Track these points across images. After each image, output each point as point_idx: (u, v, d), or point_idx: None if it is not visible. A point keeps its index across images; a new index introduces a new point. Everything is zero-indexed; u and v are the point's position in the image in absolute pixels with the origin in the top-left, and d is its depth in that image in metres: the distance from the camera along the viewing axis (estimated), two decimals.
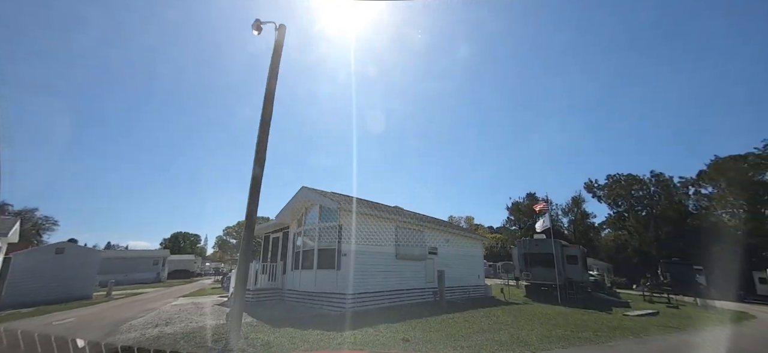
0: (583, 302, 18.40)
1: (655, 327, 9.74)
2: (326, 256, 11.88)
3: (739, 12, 59.58)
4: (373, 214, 12.38)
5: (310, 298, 11.92)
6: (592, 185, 57.49)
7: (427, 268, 14.45)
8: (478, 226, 74.93)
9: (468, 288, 17.19)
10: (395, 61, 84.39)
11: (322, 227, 12.46)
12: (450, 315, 10.07)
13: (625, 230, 51.93)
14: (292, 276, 13.39)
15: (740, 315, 17.18)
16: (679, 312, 16.47)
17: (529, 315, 11.08)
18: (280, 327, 7.84)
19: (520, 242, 23.83)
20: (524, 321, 9.60)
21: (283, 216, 14.41)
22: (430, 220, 16.21)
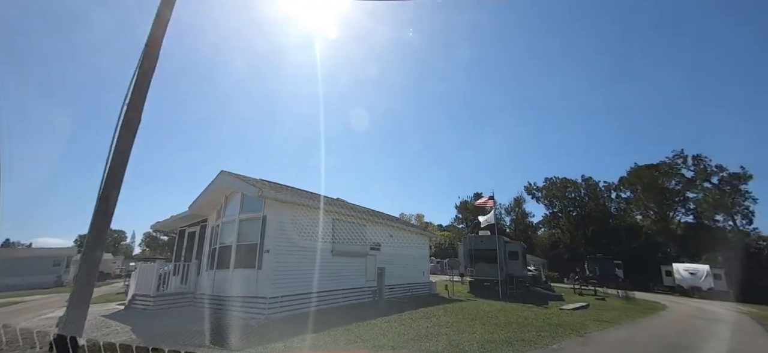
0: (523, 296, 18.75)
1: (592, 323, 9.62)
2: (246, 253, 10.02)
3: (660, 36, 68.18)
4: (306, 204, 10.79)
5: (225, 303, 9.97)
6: (531, 188, 61.38)
7: (367, 265, 13.24)
8: (429, 224, 76.27)
9: (412, 286, 16.37)
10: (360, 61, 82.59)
11: (243, 220, 10.55)
12: (386, 318, 8.93)
13: (559, 228, 56.23)
14: (206, 278, 11.24)
15: (655, 305, 18.71)
16: (605, 303, 17.40)
17: (471, 314, 10.41)
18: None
19: (465, 238, 23.86)
20: (465, 322, 8.81)
21: (199, 206, 12.13)
22: (374, 214, 15.03)
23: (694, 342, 7.74)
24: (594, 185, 54.80)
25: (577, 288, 23.59)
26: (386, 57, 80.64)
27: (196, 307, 10.96)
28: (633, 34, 69.50)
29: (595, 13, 73.07)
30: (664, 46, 68.32)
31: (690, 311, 16.72)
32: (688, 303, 22.35)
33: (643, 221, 48.79)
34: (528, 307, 13.59)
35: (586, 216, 53.04)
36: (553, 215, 57.91)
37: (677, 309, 17.00)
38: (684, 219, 44.82)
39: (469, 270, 21.53)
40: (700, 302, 23.87)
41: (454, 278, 24.32)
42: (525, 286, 22.84)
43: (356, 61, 78.67)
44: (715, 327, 10.92)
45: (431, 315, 9.78)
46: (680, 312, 16.02)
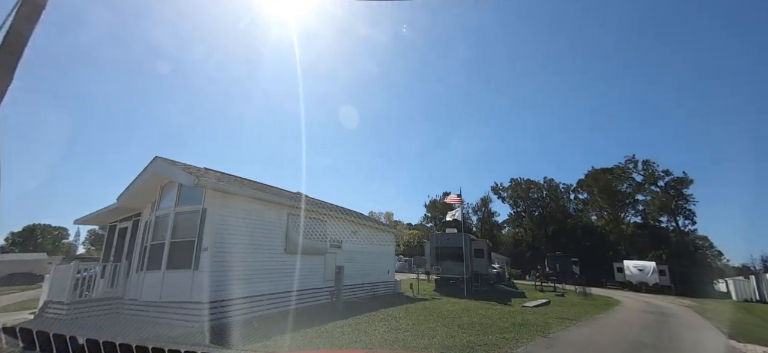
0: (487, 294, 18.73)
1: (555, 321, 9.42)
2: (181, 251, 8.70)
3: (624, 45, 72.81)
4: (255, 197, 9.64)
5: (156, 310, 8.61)
6: (498, 188, 63.15)
7: (327, 264, 12.29)
8: (398, 222, 76.30)
9: (376, 285, 15.64)
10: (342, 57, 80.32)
11: (179, 213, 9.20)
12: (341, 322, 8.09)
13: (522, 227, 58.26)
14: (136, 280, 9.73)
15: (609, 300, 19.43)
16: (565, 300, 17.78)
17: (433, 315, 9.84)
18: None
19: (432, 236, 23.59)
20: (426, 325, 8.19)
21: (130, 197, 10.55)
22: (335, 209, 14.08)
23: (655, 342, 7.68)
24: (555, 186, 57.45)
25: (538, 285, 24.15)
26: (362, 56, 79.48)
27: (120, 315, 9.44)
28: (599, 43, 73.80)
29: (567, 20, 76.71)
30: (627, 55, 73.18)
31: (641, 306, 17.47)
32: (637, 297, 23.60)
33: (597, 221, 51.79)
34: (492, 305, 13.37)
35: (547, 216, 55.43)
36: (517, 214, 59.98)
37: (629, 304, 17.70)
38: (633, 220, 48.15)
39: (435, 267, 21.23)
40: (648, 296, 25.46)
41: (420, 276, 24.01)
42: (489, 284, 23.02)
43: (333, 60, 76.79)
44: (668, 322, 11.24)
45: (391, 317, 9.08)
46: (633, 307, 16.67)
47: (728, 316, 15.49)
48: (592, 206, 52.34)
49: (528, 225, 57.01)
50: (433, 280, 21.90)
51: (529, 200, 58.90)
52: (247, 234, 9.29)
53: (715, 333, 9.18)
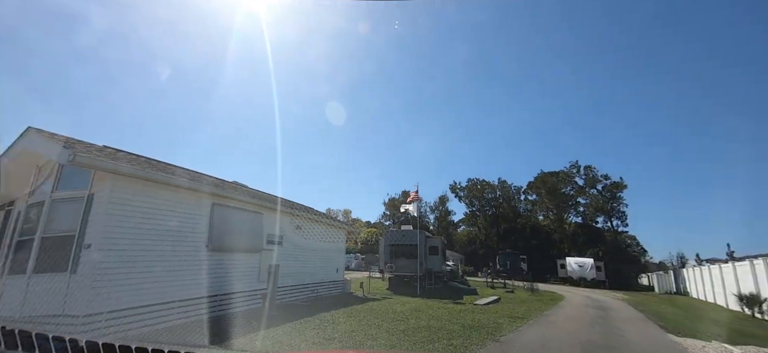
0: (440, 292, 18.35)
1: (506, 321, 8.97)
2: (56, 250, 6.75)
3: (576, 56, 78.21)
4: (163, 182, 7.88)
5: (16, 326, 6.56)
6: (455, 187, 64.53)
7: (263, 263, 10.78)
8: (356, 220, 75.13)
9: (322, 285, 14.36)
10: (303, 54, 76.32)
11: (58, 200, 7.20)
12: (262, 333, 6.75)
13: (476, 226, 60.10)
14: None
15: (554, 295, 20.07)
16: (514, 296, 17.97)
17: (379, 317, 8.88)
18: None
19: (387, 233, 22.80)
20: (367, 331, 7.19)
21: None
22: (274, 200, 12.54)
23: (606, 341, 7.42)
24: (508, 187, 60.07)
25: (489, 282, 24.46)
26: (327, 53, 76.75)
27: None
28: (557, 51, 78.68)
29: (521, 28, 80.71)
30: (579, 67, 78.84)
31: (583, 300, 18.17)
32: (578, 292, 24.88)
33: (544, 221, 55.07)
34: (443, 304, 12.83)
35: (499, 216, 57.74)
36: (473, 213, 61.77)
37: (572, 299, 18.33)
38: (575, 220, 51.87)
39: (389, 265, 20.45)
40: (587, 291, 27.13)
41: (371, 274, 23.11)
42: (443, 281, 22.84)
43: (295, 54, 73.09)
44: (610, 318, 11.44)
45: (329, 322, 7.94)
46: (576, 301, 17.24)
47: (657, 308, 16.56)
48: (540, 207, 55.54)
49: (482, 224, 58.98)
50: (387, 279, 21.14)
51: (484, 200, 60.97)
52: (151, 228, 7.54)
53: (656, 329, 9.38)
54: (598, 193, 47.61)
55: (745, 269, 17.83)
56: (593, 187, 48.16)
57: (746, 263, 17.78)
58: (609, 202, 46.44)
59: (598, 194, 47.69)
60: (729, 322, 14.50)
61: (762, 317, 15.46)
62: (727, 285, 20.30)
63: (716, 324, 13.56)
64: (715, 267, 23.00)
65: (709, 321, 13.73)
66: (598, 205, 47.40)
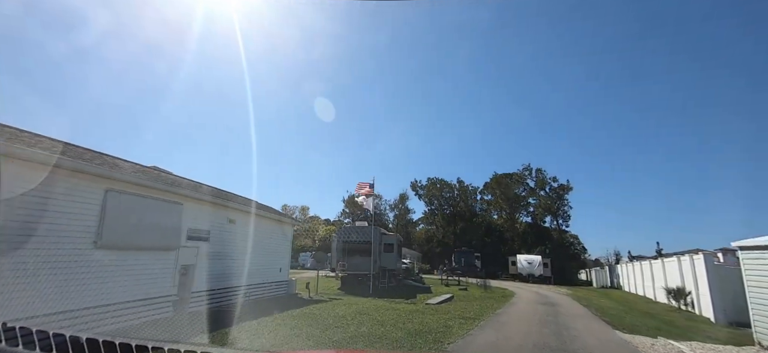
0: (394, 291, 17.57)
1: (457, 322, 8.25)
2: None
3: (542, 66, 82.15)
4: (27, 159, 5.94)
5: None
6: (416, 185, 64.81)
7: (181, 263, 9.00)
8: (315, 217, 72.58)
9: (261, 287, 12.76)
10: None
11: None
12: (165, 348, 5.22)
13: (434, 224, 60.82)
14: None
15: (505, 291, 20.23)
16: (467, 294, 17.71)
17: (315, 324, 7.67)
18: None
19: (340, 229, 21.52)
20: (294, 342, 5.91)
21: None
22: (198, 189, 10.73)
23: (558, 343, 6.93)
24: (465, 187, 61.61)
25: (444, 280, 24.24)
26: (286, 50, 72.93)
27: None
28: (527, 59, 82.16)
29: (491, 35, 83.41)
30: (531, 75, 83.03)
31: (533, 297, 18.43)
32: (527, 288, 25.57)
33: (498, 220, 57.27)
34: (395, 304, 11.96)
35: (457, 214, 58.95)
36: (431, 212, 62.46)
37: (523, 296, 18.52)
38: (525, 220, 54.60)
39: (341, 264, 19.22)
40: (535, 286, 28.17)
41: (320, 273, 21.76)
42: (398, 279, 22.16)
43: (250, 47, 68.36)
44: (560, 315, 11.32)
45: (254, 333, 6.56)
46: (526, 298, 17.40)
47: (599, 302, 17.20)
48: (495, 207, 57.67)
49: (439, 223, 59.81)
50: (340, 277, 19.91)
51: (443, 199, 61.96)
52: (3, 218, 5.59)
53: (603, 326, 9.30)
54: (547, 194, 50.44)
55: (672, 265, 19.31)
56: (543, 189, 50.93)
57: (674, 259, 19.21)
58: (556, 203, 49.37)
59: (546, 195, 50.51)
60: (661, 314, 15.37)
61: (687, 308, 16.71)
62: (657, 279, 22.03)
63: (651, 316, 14.25)
64: (646, 263, 25.01)
65: (646, 315, 14.42)
66: (546, 206, 50.19)
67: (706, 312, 15.07)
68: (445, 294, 16.30)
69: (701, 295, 15.70)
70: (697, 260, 15.93)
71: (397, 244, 22.30)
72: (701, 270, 15.33)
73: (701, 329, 12.70)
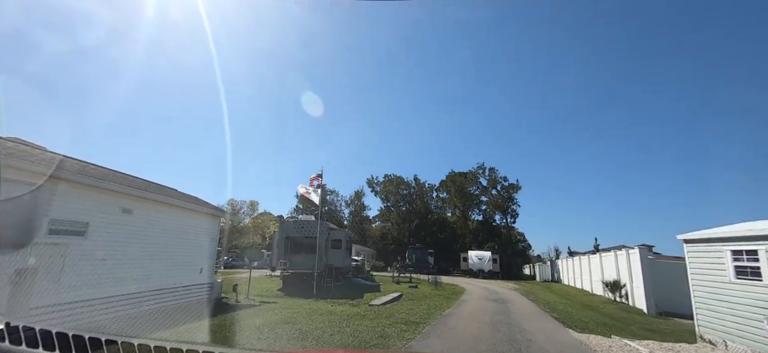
0: (340, 290, 16.09)
1: (397, 328, 7.02)
2: None
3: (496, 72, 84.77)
4: None
5: None
6: (372, 182, 63.66)
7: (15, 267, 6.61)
8: (265, 213, 68.12)
9: (173, 292, 10.48)
10: None
11: None
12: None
13: (390, 221, 60.25)
14: None
15: (456, 288, 19.75)
16: (417, 291, 16.81)
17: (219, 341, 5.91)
18: None
19: (283, 223, 19.45)
20: None
21: None
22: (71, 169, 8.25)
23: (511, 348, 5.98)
24: (422, 185, 61.84)
25: (395, 277, 23.27)
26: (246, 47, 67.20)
27: None
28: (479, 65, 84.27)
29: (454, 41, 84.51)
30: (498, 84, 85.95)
31: (483, 292, 18.10)
32: (478, 284, 25.57)
33: (451, 217, 58.27)
34: (335, 306, 10.53)
35: (412, 211, 58.95)
36: (387, 209, 61.81)
37: (473, 292, 18.11)
38: (477, 217, 56.19)
39: (282, 261, 17.25)
40: (485, 282, 28.44)
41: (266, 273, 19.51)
42: (347, 278, 20.71)
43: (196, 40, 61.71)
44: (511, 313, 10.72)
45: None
46: (476, 294, 16.95)
47: (545, 297, 17.31)
48: (449, 205, 58.60)
49: (395, 219, 59.35)
50: (282, 277, 17.91)
51: (399, 196, 61.56)
52: None
53: (555, 325, 8.76)
54: (498, 193, 52.28)
55: (609, 259, 20.32)
56: (495, 187, 52.69)
57: (611, 253, 20.18)
58: (506, 201, 51.36)
59: (498, 194, 52.34)
60: (600, 307, 15.79)
61: (621, 300, 17.52)
62: (594, 273, 23.22)
63: (592, 309, 14.47)
64: (585, 257, 26.40)
65: (587, 308, 14.64)
66: (497, 203, 52.00)
67: (639, 303, 15.83)
68: (393, 292, 15.20)
69: (635, 288, 16.50)
70: (633, 254, 16.71)
71: (347, 240, 20.81)
72: (636, 263, 16.07)
73: (637, 320, 13.03)
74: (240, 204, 65.38)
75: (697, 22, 62.38)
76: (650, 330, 10.09)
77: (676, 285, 15.34)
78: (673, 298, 14.72)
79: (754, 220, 7.01)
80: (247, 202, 65.34)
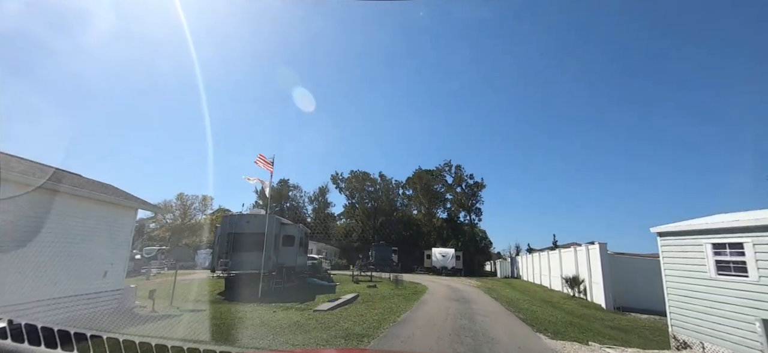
0: (290, 293, 14.32)
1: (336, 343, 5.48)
2: None
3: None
4: None
5: None
6: (337, 178, 61.45)
7: None
8: (223, 209, 63.27)
9: (58, 303, 8.14)
10: None
11: None
12: None
13: (354, 218, 58.60)
14: None
15: (417, 287, 18.69)
16: (376, 291, 15.48)
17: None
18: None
19: (226, 218, 17.13)
20: None
21: None
22: None
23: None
24: (388, 182, 60.77)
25: (355, 275, 21.77)
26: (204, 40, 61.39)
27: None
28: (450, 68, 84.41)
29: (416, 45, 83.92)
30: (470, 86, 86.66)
31: (445, 291, 17.19)
32: (440, 281, 24.84)
33: (417, 215, 57.85)
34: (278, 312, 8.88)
35: (377, 209, 57.76)
36: (352, 205, 60.07)
37: (435, 291, 17.13)
38: (442, 215, 56.28)
39: (222, 261, 15.06)
40: (448, 279, 27.88)
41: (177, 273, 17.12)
42: (300, 278, 18.87)
43: None
44: (475, 315, 9.68)
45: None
46: (439, 293, 15.97)
47: (508, 295, 16.76)
48: (415, 202, 58.10)
49: (359, 216, 57.83)
50: (226, 278, 15.67)
51: (364, 193, 60.02)
52: None
53: (524, 329, 7.79)
54: (463, 190, 52.59)
55: (569, 255, 20.42)
56: (460, 185, 52.94)
57: (571, 249, 20.25)
58: (470, 199, 51.81)
59: (462, 191, 52.65)
60: (560, 303, 15.49)
61: (580, 295, 17.51)
62: (553, 268, 23.41)
63: (553, 306, 14.04)
64: (544, 253, 26.69)
65: (548, 304, 14.20)
66: (461, 202, 52.31)
67: (598, 298, 15.78)
68: (349, 293, 13.72)
69: (594, 283, 16.47)
70: (593, 250, 16.66)
71: (301, 236, 18.94)
72: (596, 259, 15.98)
73: (598, 316, 12.68)
74: (191, 199, 60.18)
75: None
76: (616, 328, 9.59)
77: (634, 281, 15.45)
78: (630, 293, 14.74)
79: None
80: (198, 197, 60.32)
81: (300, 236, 18.65)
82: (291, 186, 66.38)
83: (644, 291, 14.46)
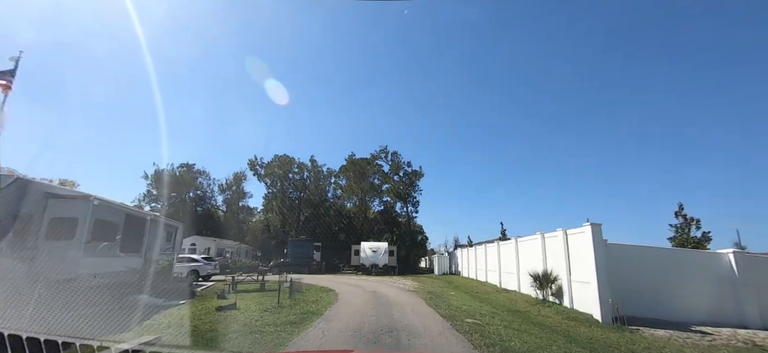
0: None
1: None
2: None
3: None
4: None
5: None
6: (255, 164, 51.46)
7: None
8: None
9: None
10: None
11: None
12: None
13: (273, 211, 49.66)
14: None
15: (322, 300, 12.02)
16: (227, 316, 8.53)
17: None
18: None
19: None
20: None
21: None
22: None
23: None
24: (319, 169, 52.94)
25: (234, 281, 14.17)
26: None
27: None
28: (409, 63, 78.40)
29: None
30: None
31: (365, 299, 10.93)
32: (365, 284, 18.63)
33: (350, 208, 51.17)
34: None
35: (304, 200, 49.72)
36: (272, 195, 50.86)
37: (350, 303, 10.75)
38: (378, 208, 50.59)
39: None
40: (378, 280, 21.83)
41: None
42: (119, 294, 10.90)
43: None
44: None
45: None
46: (353, 307, 9.57)
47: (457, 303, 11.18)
48: (348, 193, 51.38)
49: (280, 208, 49.06)
50: None
51: (288, 182, 51.25)
52: None
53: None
54: (400, 179, 47.60)
55: (533, 244, 15.84)
56: (397, 173, 47.82)
57: (536, 236, 15.57)
58: (408, 188, 47.05)
59: (399, 180, 47.63)
60: (532, 312, 10.44)
61: (553, 299, 12.78)
62: (506, 263, 18.92)
63: (525, 318, 8.77)
64: (492, 245, 21.94)
65: (519, 316, 8.88)
66: (398, 191, 47.26)
67: (585, 305, 10.90)
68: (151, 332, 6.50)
69: (574, 281, 11.74)
70: (576, 236, 11.91)
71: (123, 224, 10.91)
72: (582, 249, 10.99)
73: (599, 338, 7.74)
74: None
75: None
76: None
77: (638, 281, 11.02)
78: (633, 298, 10.24)
79: None
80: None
81: (117, 222, 10.59)
82: (197, 172, 54.18)
83: (653, 293, 10.11)
